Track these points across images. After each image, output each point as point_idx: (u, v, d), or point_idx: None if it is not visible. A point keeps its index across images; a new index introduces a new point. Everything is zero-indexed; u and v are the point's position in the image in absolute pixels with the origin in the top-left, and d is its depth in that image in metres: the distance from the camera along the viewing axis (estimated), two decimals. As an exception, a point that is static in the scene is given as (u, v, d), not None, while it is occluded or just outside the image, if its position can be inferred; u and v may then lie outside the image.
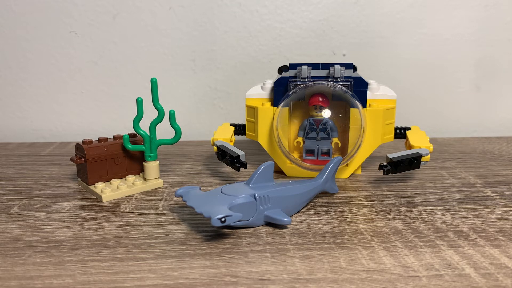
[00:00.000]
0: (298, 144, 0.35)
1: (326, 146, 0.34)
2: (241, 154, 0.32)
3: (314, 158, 0.35)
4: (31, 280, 0.21)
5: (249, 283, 0.21)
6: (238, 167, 0.32)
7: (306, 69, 0.34)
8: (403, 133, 0.36)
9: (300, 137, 0.35)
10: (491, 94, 0.51)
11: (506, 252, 0.24)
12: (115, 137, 0.34)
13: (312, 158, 0.35)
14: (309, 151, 0.35)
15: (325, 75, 0.34)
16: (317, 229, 0.27)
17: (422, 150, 0.32)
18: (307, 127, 0.34)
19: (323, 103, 0.34)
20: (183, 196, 0.28)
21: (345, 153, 0.34)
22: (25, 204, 0.30)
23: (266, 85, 0.36)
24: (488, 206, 0.30)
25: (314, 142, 0.34)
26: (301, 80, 0.34)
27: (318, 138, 0.34)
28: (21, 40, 0.48)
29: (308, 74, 0.34)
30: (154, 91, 0.32)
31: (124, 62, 0.49)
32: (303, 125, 0.35)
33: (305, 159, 0.35)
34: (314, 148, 0.35)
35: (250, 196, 0.26)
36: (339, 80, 0.33)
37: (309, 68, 0.34)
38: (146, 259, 0.23)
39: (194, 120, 0.50)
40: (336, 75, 0.33)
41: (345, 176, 0.36)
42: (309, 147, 0.35)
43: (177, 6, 0.47)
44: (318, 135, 0.34)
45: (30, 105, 0.50)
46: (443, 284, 0.21)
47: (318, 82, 0.33)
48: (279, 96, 0.34)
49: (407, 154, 0.31)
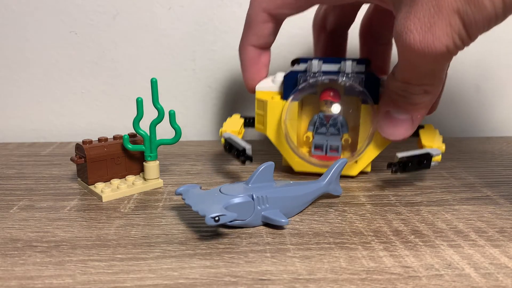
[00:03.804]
0: (307, 139, 0.35)
1: (336, 142, 0.34)
2: (247, 147, 0.32)
3: (323, 153, 0.34)
4: (31, 280, 0.21)
5: (249, 283, 0.21)
6: (244, 160, 0.31)
7: (316, 63, 0.33)
8: (416, 132, 0.35)
9: (309, 132, 0.34)
10: (491, 94, 0.51)
11: (506, 252, 0.24)
12: (115, 137, 0.34)
13: (321, 154, 0.34)
14: (317, 146, 0.34)
15: (337, 70, 0.33)
16: (317, 229, 0.27)
17: (433, 150, 0.31)
18: (317, 122, 0.34)
19: (333, 98, 0.33)
20: (182, 194, 0.28)
21: (354, 149, 0.34)
22: (25, 204, 0.30)
23: (277, 78, 0.35)
24: (488, 206, 0.30)
25: (323, 137, 0.34)
26: (311, 74, 0.33)
27: (328, 133, 0.34)
28: (21, 40, 0.48)
29: (319, 69, 0.33)
30: (154, 91, 0.32)
31: (124, 62, 0.49)
32: (313, 120, 0.34)
33: (313, 154, 0.34)
34: (323, 144, 0.34)
35: (248, 196, 0.26)
36: (350, 76, 0.33)
37: (319, 62, 0.33)
38: (146, 259, 0.23)
39: (194, 120, 0.51)
40: (347, 70, 0.32)
41: (354, 173, 0.35)
42: (318, 142, 0.34)
43: (177, 6, 0.47)
44: (328, 130, 0.34)
45: (30, 105, 0.50)
46: (443, 284, 0.21)
47: (328, 77, 0.33)
48: (288, 90, 0.34)
49: (417, 153, 0.31)
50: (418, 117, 0.31)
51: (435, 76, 0.29)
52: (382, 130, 0.32)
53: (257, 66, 0.36)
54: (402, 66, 0.29)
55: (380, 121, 0.32)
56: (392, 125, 0.32)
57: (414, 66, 0.28)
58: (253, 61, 0.36)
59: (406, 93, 0.30)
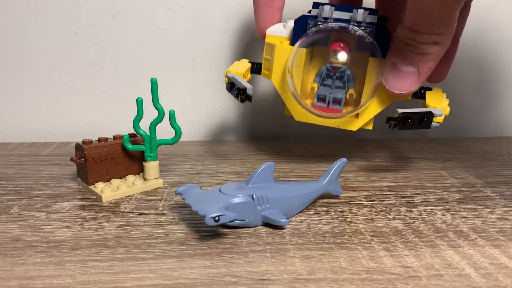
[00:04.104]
0: (312, 90, 0.34)
1: (339, 94, 0.33)
2: (248, 87, 0.31)
3: (325, 105, 0.33)
4: (31, 280, 0.21)
5: (249, 283, 0.21)
6: (243, 99, 0.31)
7: (328, 9, 0.32)
8: (423, 94, 0.34)
9: (315, 83, 0.34)
10: (491, 94, 0.51)
11: (506, 252, 0.24)
12: (115, 137, 0.34)
13: (323, 106, 0.33)
14: (321, 97, 0.33)
15: (348, 19, 0.32)
16: (317, 229, 0.27)
17: (436, 110, 0.30)
18: (324, 73, 0.33)
19: (342, 49, 0.32)
20: (182, 194, 0.28)
21: (358, 104, 0.33)
22: (25, 204, 0.30)
23: (289, 24, 0.34)
24: (488, 206, 0.30)
25: (328, 89, 0.33)
26: (321, 20, 0.32)
27: (333, 86, 0.33)
28: (21, 40, 0.48)
29: (330, 15, 0.32)
30: (154, 91, 0.32)
31: (124, 62, 0.49)
32: (320, 71, 0.33)
33: (315, 105, 0.34)
34: (326, 95, 0.33)
35: (248, 196, 0.26)
36: (362, 25, 0.32)
37: (331, 8, 0.32)
38: (146, 259, 0.23)
39: (194, 120, 0.50)
40: (358, 19, 0.32)
41: (354, 128, 0.34)
42: (321, 94, 0.33)
43: (177, 6, 0.47)
44: (334, 82, 0.33)
45: (30, 105, 0.49)
46: (443, 284, 0.21)
47: (338, 24, 0.32)
48: (298, 35, 0.33)
49: (418, 111, 0.30)
50: (425, 71, 0.30)
51: (445, 24, 0.28)
52: (387, 82, 0.31)
53: (270, 9, 0.35)
54: (411, 10, 0.28)
55: (386, 73, 0.31)
56: (397, 78, 0.31)
57: (424, 10, 0.27)
58: (266, 3, 0.34)
59: (414, 42, 0.29)
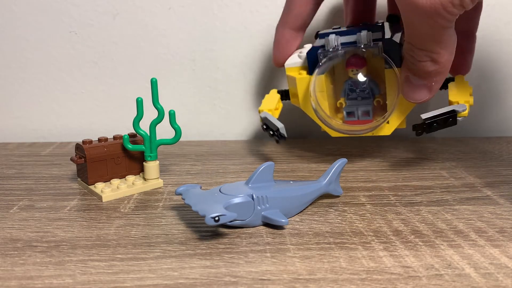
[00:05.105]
0: (341, 105, 0.36)
1: (366, 106, 0.34)
2: (280, 127, 0.33)
3: (355, 118, 0.35)
4: (31, 280, 0.21)
5: (249, 283, 0.21)
6: (277, 140, 0.33)
7: (333, 38, 0.34)
8: (445, 84, 0.36)
9: (342, 98, 0.35)
10: (491, 94, 0.51)
11: (506, 252, 0.24)
12: (115, 137, 0.34)
13: (353, 119, 0.35)
14: (349, 113, 0.35)
15: (354, 41, 0.34)
16: (317, 229, 0.27)
17: (459, 106, 0.31)
18: (347, 89, 0.35)
19: (356, 66, 0.34)
20: (182, 194, 0.28)
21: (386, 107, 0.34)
22: (25, 204, 0.30)
23: (302, 54, 0.36)
24: (488, 206, 0.30)
25: (354, 102, 0.35)
26: (330, 49, 0.34)
27: (359, 98, 0.34)
28: (21, 40, 0.48)
29: (336, 44, 0.34)
30: (154, 91, 0.32)
31: (124, 62, 0.49)
32: (344, 87, 0.35)
33: (346, 120, 0.35)
34: (353, 111, 0.35)
35: (248, 196, 0.26)
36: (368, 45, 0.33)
37: (336, 37, 0.34)
38: (146, 259, 0.23)
39: (194, 120, 0.50)
40: (363, 41, 0.33)
41: (388, 132, 0.35)
42: (349, 110, 0.35)
43: (177, 6, 0.47)
44: (359, 95, 0.34)
45: (30, 105, 0.50)
46: (443, 284, 0.21)
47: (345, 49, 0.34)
48: (311, 64, 0.35)
49: (441, 113, 0.31)
50: (433, 85, 0.31)
51: (436, 42, 0.29)
52: (404, 93, 0.33)
53: (290, 47, 0.38)
54: (405, 26, 0.29)
55: (402, 85, 0.33)
56: (412, 89, 0.32)
57: (415, 27, 0.28)
58: (287, 43, 0.38)
59: (413, 59, 0.30)
